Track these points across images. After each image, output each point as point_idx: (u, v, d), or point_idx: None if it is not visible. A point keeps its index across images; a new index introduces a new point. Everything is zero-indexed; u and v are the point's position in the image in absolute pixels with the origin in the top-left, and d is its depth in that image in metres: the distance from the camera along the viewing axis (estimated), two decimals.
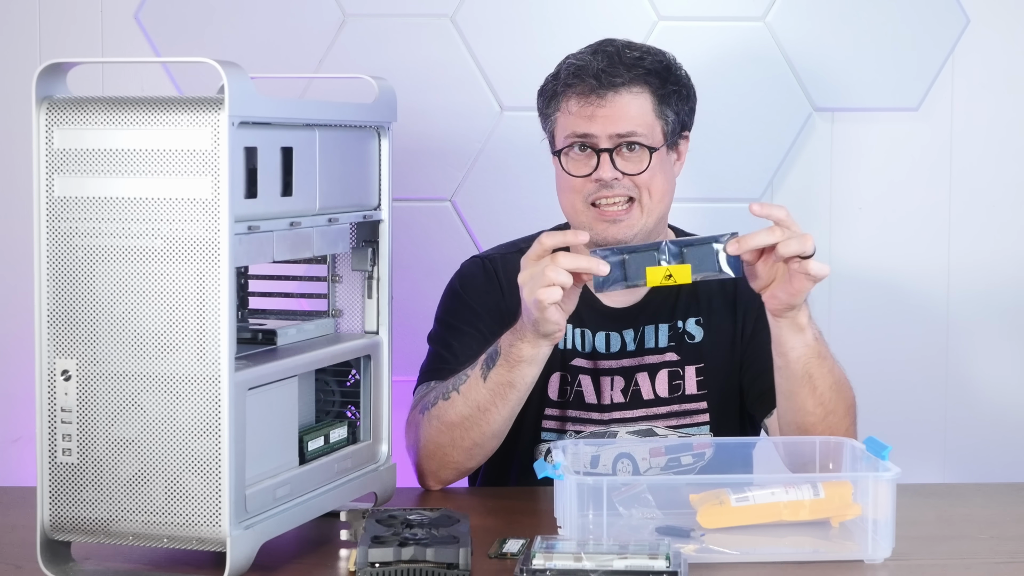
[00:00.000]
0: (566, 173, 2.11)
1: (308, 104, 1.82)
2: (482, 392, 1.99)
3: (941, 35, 2.67)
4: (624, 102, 2.09)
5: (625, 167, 2.09)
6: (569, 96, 2.11)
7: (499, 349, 1.98)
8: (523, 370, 1.97)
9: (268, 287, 2.01)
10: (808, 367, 1.95)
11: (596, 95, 2.08)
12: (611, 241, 2.09)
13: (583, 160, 2.10)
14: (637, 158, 2.09)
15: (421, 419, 2.06)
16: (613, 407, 2.17)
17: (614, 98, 2.08)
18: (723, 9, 2.68)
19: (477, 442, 2.03)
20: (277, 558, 1.72)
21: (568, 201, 2.14)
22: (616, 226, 2.09)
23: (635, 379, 2.17)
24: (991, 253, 2.72)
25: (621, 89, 2.08)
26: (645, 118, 2.09)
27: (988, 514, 1.97)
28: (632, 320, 2.19)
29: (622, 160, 2.09)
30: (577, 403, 2.17)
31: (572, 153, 2.11)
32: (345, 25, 2.66)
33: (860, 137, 2.70)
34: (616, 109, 2.08)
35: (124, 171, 1.58)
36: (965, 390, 2.73)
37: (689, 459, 2.06)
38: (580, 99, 2.09)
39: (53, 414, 1.62)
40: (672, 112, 2.12)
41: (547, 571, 1.58)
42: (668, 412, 2.17)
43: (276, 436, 1.74)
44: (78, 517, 1.62)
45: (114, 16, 2.65)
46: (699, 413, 2.17)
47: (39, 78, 1.60)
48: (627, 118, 2.08)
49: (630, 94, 2.09)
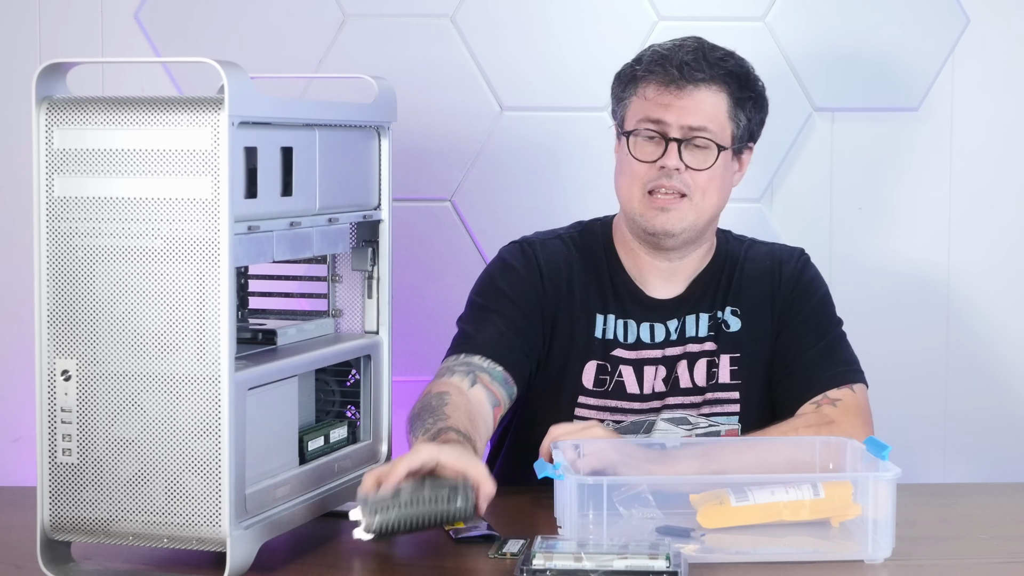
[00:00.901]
0: (631, 156, 2.12)
1: (308, 104, 1.82)
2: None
3: (941, 35, 2.67)
4: (702, 97, 2.11)
5: (690, 161, 2.10)
6: (648, 82, 2.13)
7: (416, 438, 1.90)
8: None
9: (268, 287, 2.01)
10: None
11: (676, 85, 2.10)
12: (660, 231, 2.11)
13: (651, 146, 2.12)
14: (703, 155, 2.11)
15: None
16: (654, 396, 2.17)
17: (692, 91, 2.11)
18: (723, 9, 2.68)
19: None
20: (277, 558, 1.72)
21: (626, 185, 2.14)
22: (665, 215, 2.11)
23: (676, 368, 2.17)
24: (991, 253, 2.72)
25: (701, 84, 2.11)
26: (719, 117, 2.12)
27: (988, 514, 1.97)
28: (675, 310, 2.20)
29: (688, 153, 2.11)
30: (617, 393, 2.17)
31: (641, 138, 2.12)
32: (345, 25, 2.66)
33: (860, 137, 2.70)
34: (693, 102, 2.10)
35: (124, 171, 1.58)
36: (965, 390, 2.73)
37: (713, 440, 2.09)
38: (659, 86, 2.12)
39: (53, 414, 1.62)
40: (745, 117, 2.14)
41: (547, 571, 1.58)
42: (703, 401, 2.18)
43: (276, 436, 1.74)
44: (78, 517, 1.62)
45: (114, 16, 2.65)
46: (730, 403, 2.17)
47: (39, 78, 1.60)
48: (702, 113, 2.10)
49: (708, 91, 2.11)
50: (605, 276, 2.20)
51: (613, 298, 2.19)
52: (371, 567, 1.77)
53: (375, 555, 1.83)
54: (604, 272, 2.20)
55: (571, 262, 2.20)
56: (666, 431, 2.15)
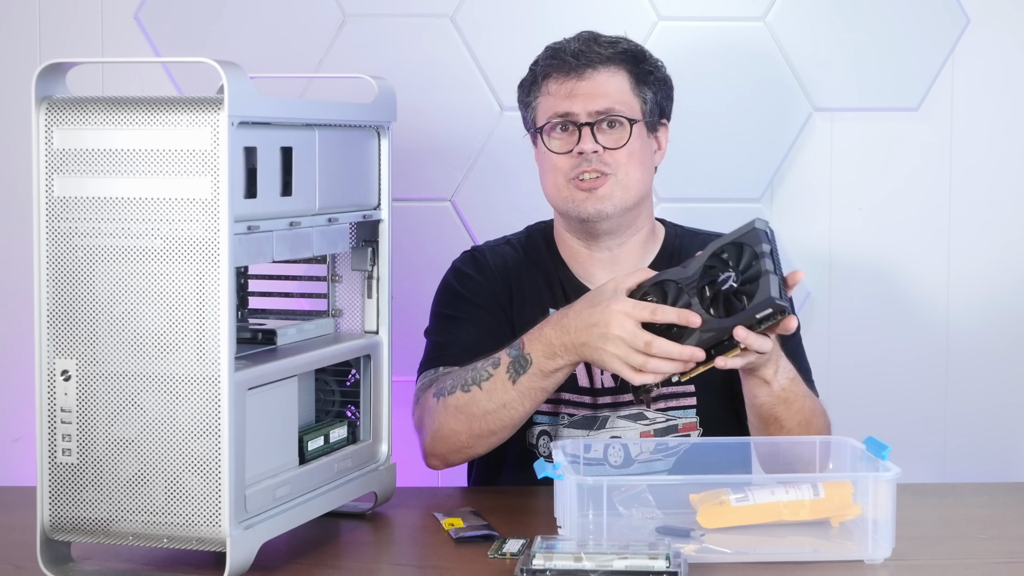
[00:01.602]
0: (548, 151, 2.15)
1: (308, 104, 1.82)
2: (511, 394, 1.99)
3: (941, 35, 2.67)
4: (602, 79, 2.15)
5: (605, 141, 2.13)
6: (548, 78, 2.17)
7: (530, 358, 1.97)
8: (558, 379, 1.99)
9: (268, 287, 2.01)
10: (774, 411, 1.99)
11: (575, 73, 2.14)
12: (591, 214, 2.12)
13: (564, 138, 2.15)
14: (617, 133, 2.14)
15: (435, 403, 2.06)
16: (604, 391, 2.17)
17: (592, 75, 2.14)
18: (723, 9, 2.68)
19: (495, 432, 2.03)
20: (277, 558, 1.72)
21: (551, 181, 2.17)
22: (594, 196, 2.13)
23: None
24: (991, 253, 2.72)
25: (599, 67, 2.15)
26: (623, 95, 2.15)
27: (988, 514, 1.97)
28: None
29: (602, 135, 2.13)
30: (570, 386, 2.17)
31: (554, 133, 2.16)
32: (345, 25, 2.65)
33: (860, 137, 2.70)
34: (595, 85, 2.14)
35: (124, 171, 1.58)
36: (965, 390, 2.73)
37: (675, 441, 2.10)
38: (559, 79, 2.15)
39: (53, 414, 1.62)
40: (650, 92, 2.18)
41: (547, 571, 1.58)
42: (656, 395, 2.17)
43: (276, 436, 1.74)
44: (78, 517, 1.62)
45: (114, 16, 2.65)
46: (686, 396, 2.18)
47: (39, 78, 1.60)
48: (606, 95, 2.14)
49: (607, 72, 2.15)
50: (553, 274, 2.23)
51: (562, 295, 2.20)
52: (371, 567, 1.77)
53: (375, 555, 1.83)
54: (551, 270, 2.23)
55: (519, 264, 2.25)
56: (623, 428, 2.15)
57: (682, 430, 2.16)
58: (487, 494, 2.09)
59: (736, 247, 1.86)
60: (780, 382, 1.96)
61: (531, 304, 2.21)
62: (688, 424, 2.17)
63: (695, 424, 2.17)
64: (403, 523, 1.95)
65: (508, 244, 2.29)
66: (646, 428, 2.16)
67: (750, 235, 1.86)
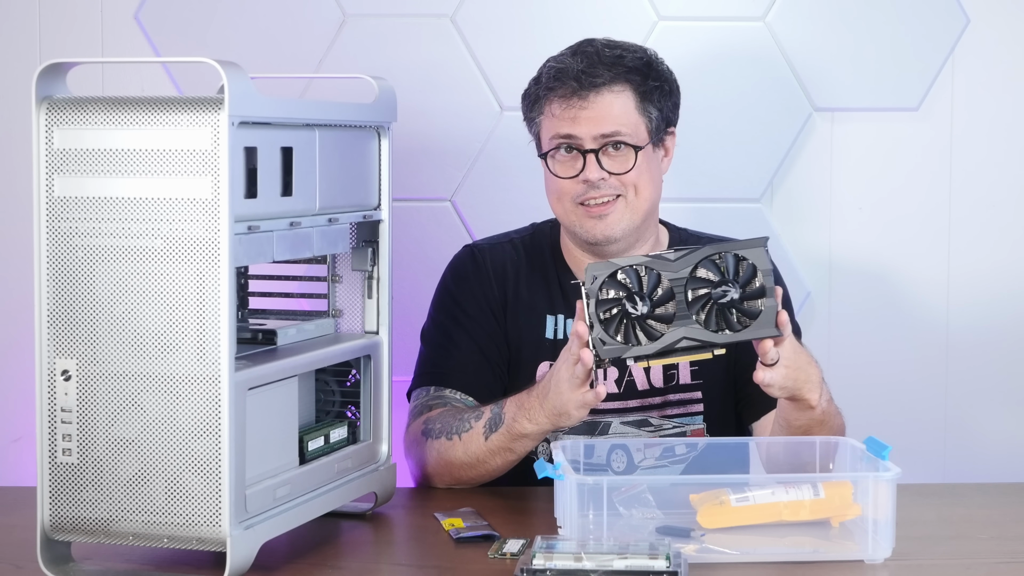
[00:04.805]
0: (554, 175, 2.13)
1: (308, 104, 1.82)
2: (481, 448, 2.02)
3: (941, 35, 2.67)
4: (606, 102, 2.09)
5: (611, 167, 2.10)
6: (551, 99, 2.12)
7: (503, 416, 1.99)
8: (524, 444, 2.00)
9: (268, 287, 2.01)
10: (811, 430, 1.97)
11: (578, 97, 2.09)
12: (600, 240, 2.10)
13: (569, 161, 2.12)
14: (623, 157, 2.10)
15: (423, 441, 2.08)
16: (607, 397, 2.17)
17: (596, 99, 2.09)
18: (723, 9, 2.67)
19: (474, 480, 2.07)
20: (277, 558, 1.72)
21: (557, 202, 2.15)
22: (603, 222, 2.11)
23: (629, 369, 2.17)
24: (991, 253, 2.72)
25: (603, 89, 2.09)
26: (628, 117, 2.10)
27: (988, 514, 1.97)
28: None
29: (608, 160, 2.10)
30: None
31: (558, 155, 2.12)
32: (345, 25, 2.65)
33: (860, 137, 2.70)
34: (599, 110, 2.09)
35: (124, 171, 1.58)
36: (965, 390, 2.73)
37: (683, 448, 2.07)
38: (562, 102, 2.10)
39: (53, 414, 1.62)
40: (655, 108, 2.13)
41: (547, 571, 1.58)
42: (663, 402, 2.17)
43: (276, 436, 1.74)
44: (78, 517, 1.62)
45: (114, 16, 2.65)
46: (693, 403, 2.18)
47: (39, 78, 1.60)
48: (610, 118, 2.09)
49: (612, 93, 2.10)
50: (553, 277, 2.22)
51: (561, 298, 2.20)
52: (371, 567, 1.77)
53: (375, 555, 1.83)
54: (552, 273, 2.22)
55: (518, 266, 2.23)
56: (624, 433, 2.15)
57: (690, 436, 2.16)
58: (487, 494, 2.09)
59: (735, 258, 1.82)
60: (823, 405, 1.94)
61: (525, 312, 2.20)
62: (696, 431, 2.17)
63: (703, 431, 2.17)
64: (403, 523, 1.95)
65: (510, 243, 2.27)
66: (651, 434, 2.15)
67: (757, 253, 1.81)
